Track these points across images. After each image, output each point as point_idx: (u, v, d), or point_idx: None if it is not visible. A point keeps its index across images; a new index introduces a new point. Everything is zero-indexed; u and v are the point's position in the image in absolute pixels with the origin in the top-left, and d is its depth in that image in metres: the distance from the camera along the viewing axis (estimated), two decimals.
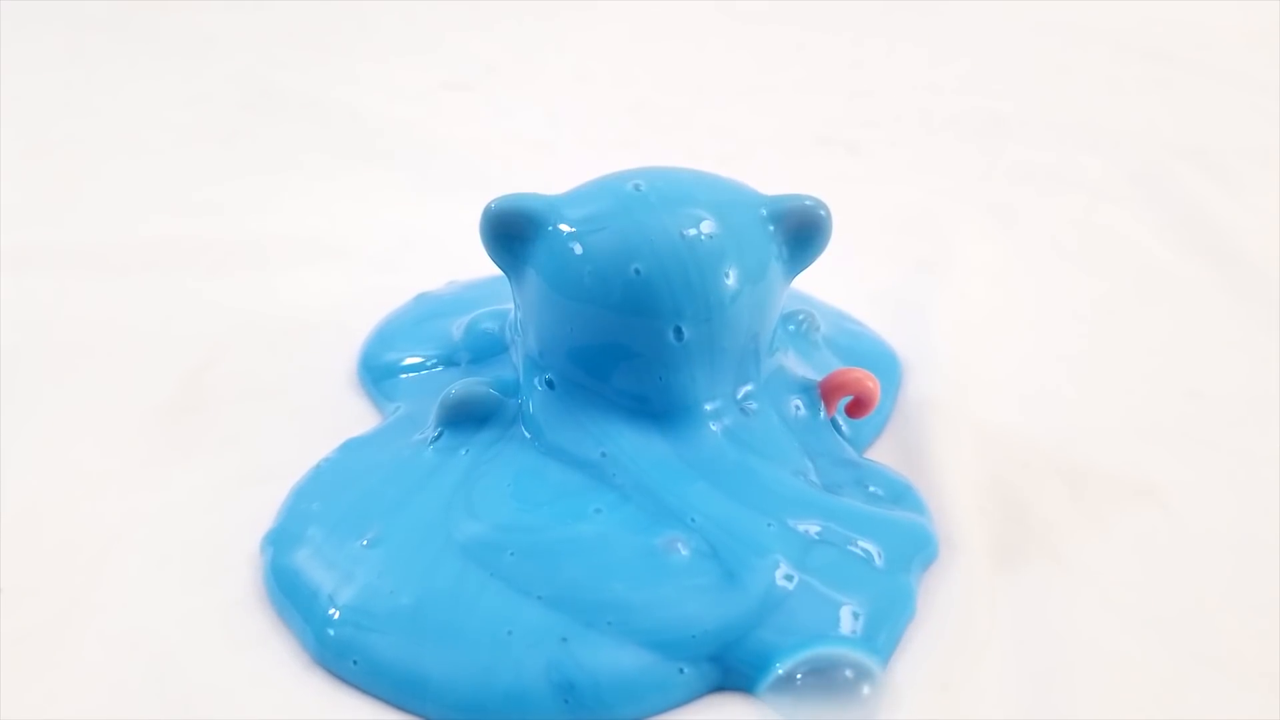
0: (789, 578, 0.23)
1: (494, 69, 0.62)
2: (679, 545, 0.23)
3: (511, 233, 0.26)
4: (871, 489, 0.26)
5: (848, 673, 0.21)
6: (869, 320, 0.35)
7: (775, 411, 0.27)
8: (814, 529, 0.24)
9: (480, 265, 0.30)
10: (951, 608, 0.24)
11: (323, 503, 0.25)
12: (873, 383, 0.27)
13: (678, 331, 0.24)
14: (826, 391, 0.28)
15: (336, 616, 0.22)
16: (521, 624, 0.22)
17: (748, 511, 0.24)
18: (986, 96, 0.60)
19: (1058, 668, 0.23)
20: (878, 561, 0.24)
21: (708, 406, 0.25)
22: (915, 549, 0.25)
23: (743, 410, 0.26)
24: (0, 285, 0.37)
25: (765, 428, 0.26)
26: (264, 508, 0.27)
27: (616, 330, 0.25)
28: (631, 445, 0.25)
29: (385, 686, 0.22)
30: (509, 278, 0.27)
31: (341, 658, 0.22)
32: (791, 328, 0.31)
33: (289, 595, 0.23)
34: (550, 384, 0.26)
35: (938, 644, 0.23)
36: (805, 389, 0.28)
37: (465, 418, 0.27)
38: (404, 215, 0.44)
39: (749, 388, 0.26)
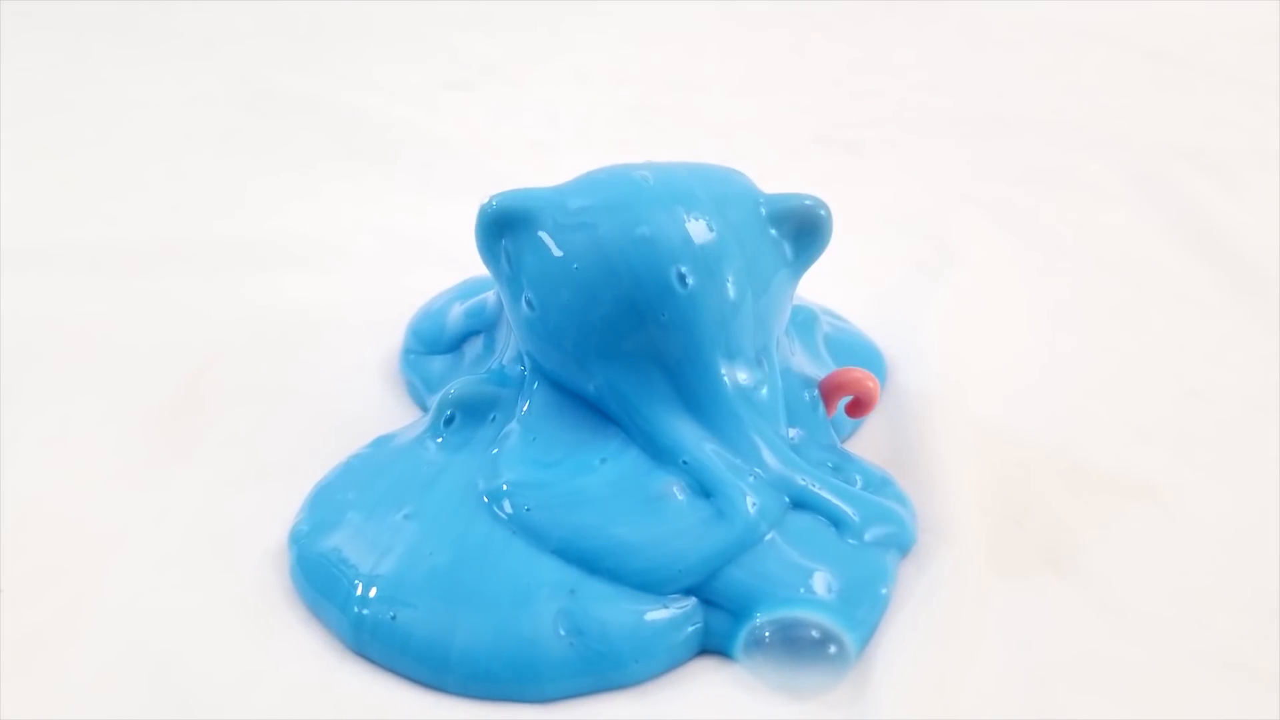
0: (769, 524, 0.24)
1: (494, 69, 0.62)
2: (675, 490, 0.24)
3: (513, 223, 0.26)
4: (853, 476, 0.27)
5: (813, 633, 0.23)
6: (868, 319, 0.35)
7: (781, 393, 0.27)
8: (796, 491, 0.25)
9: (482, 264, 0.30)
10: (949, 606, 0.24)
11: (358, 491, 0.26)
12: (873, 383, 0.28)
13: (681, 278, 0.25)
14: (827, 391, 0.28)
15: (374, 593, 0.23)
16: (538, 578, 0.23)
17: (736, 462, 0.25)
18: (986, 96, 0.60)
19: (1056, 667, 0.23)
20: (851, 535, 0.25)
21: (722, 367, 0.25)
22: (889, 529, 0.25)
23: (755, 368, 0.26)
24: (0, 285, 0.37)
25: (770, 395, 0.26)
26: (265, 507, 0.27)
27: (624, 284, 0.25)
28: (625, 380, 0.25)
29: (411, 657, 0.23)
30: (500, 276, 0.27)
31: (377, 627, 0.23)
32: (800, 318, 0.31)
33: (322, 581, 0.24)
34: (530, 304, 0.26)
35: (934, 642, 0.23)
36: (810, 384, 0.28)
37: (467, 414, 0.27)
38: (404, 215, 0.44)
39: (763, 367, 0.26)
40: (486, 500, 0.25)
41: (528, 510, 0.24)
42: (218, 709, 0.22)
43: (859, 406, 0.28)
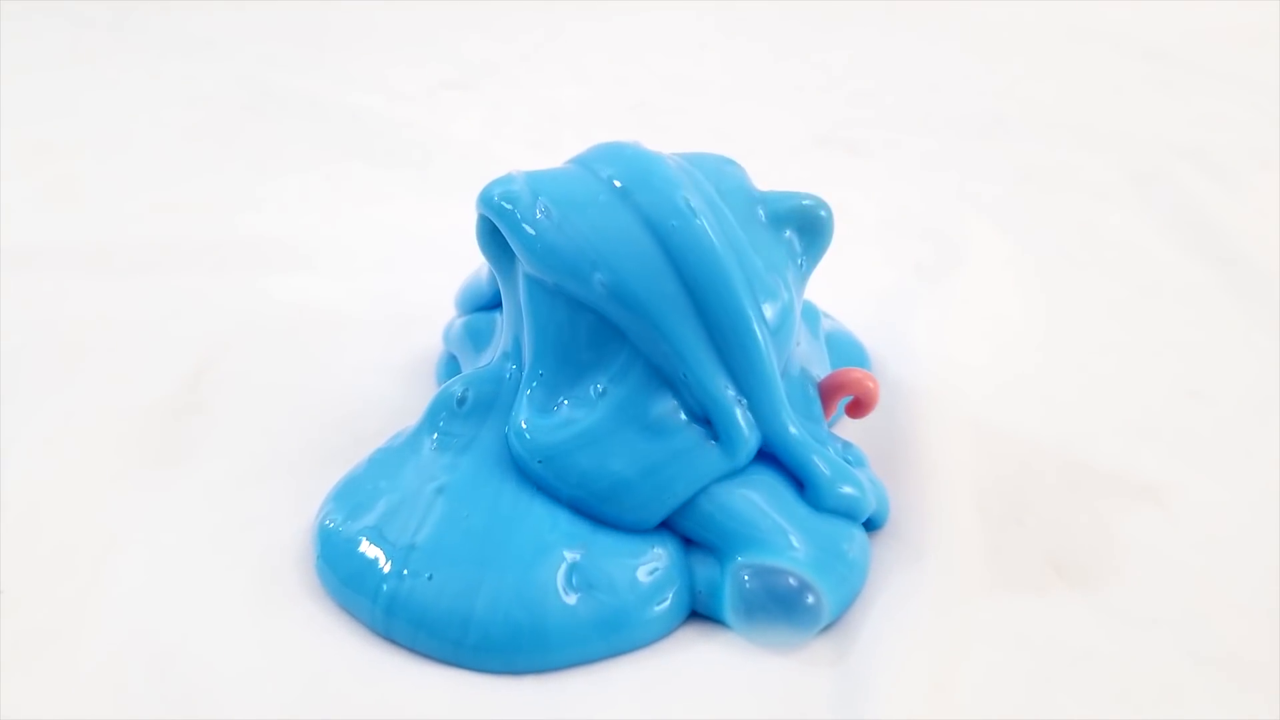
0: (748, 456, 0.25)
1: (494, 69, 0.62)
2: (673, 412, 0.25)
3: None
4: (828, 450, 0.26)
5: (791, 580, 0.23)
6: (868, 319, 0.35)
7: (793, 331, 0.27)
8: (775, 430, 0.25)
9: (479, 263, 0.30)
10: (948, 606, 0.24)
11: (389, 480, 0.26)
12: (873, 383, 0.27)
13: (690, 208, 0.24)
14: (827, 391, 0.28)
15: (411, 559, 0.24)
16: (556, 536, 0.24)
17: (730, 390, 0.25)
18: (986, 96, 0.60)
19: (1055, 668, 0.23)
20: (816, 495, 0.25)
21: (730, 263, 0.25)
22: (852, 496, 0.25)
23: (772, 291, 0.25)
24: (0, 285, 0.37)
25: (782, 322, 0.25)
26: (268, 506, 0.27)
27: (640, 208, 0.25)
28: (634, 276, 0.24)
29: (435, 622, 0.23)
30: (508, 199, 0.26)
31: (412, 593, 0.23)
32: (805, 310, 0.31)
33: (352, 561, 0.24)
34: (547, 212, 0.25)
35: (933, 641, 0.23)
36: (811, 379, 0.28)
37: (470, 411, 0.27)
38: (404, 215, 0.44)
39: (780, 293, 0.26)
40: (511, 438, 0.25)
41: (540, 463, 0.25)
42: (221, 708, 0.22)
43: (859, 407, 0.28)
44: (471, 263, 0.32)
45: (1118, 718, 0.22)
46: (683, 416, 0.25)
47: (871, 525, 0.26)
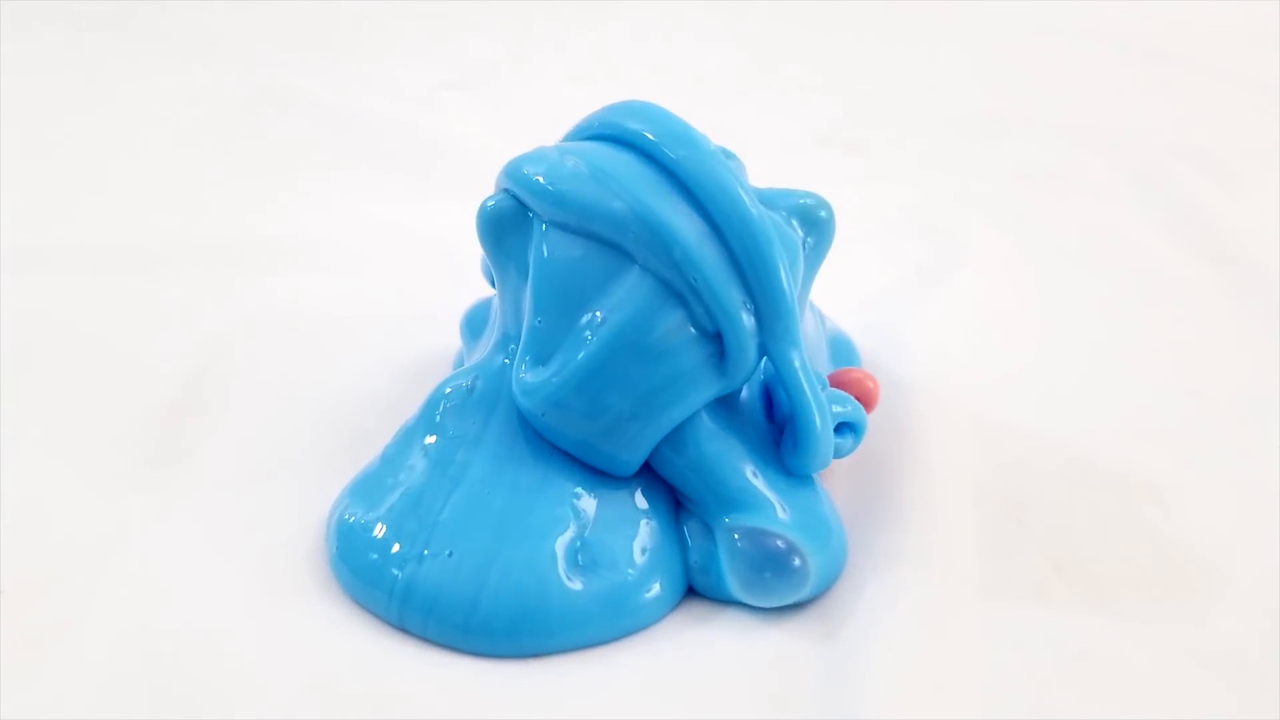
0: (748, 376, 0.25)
1: (494, 69, 0.62)
2: (677, 328, 0.24)
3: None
4: None
5: (779, 543, 0.24)
6: (869, 319, 0.35)
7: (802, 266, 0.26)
8: (777, 348, 0.25)
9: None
10: (946, 606, 0.24)
11: (407, 474, 0.26)
12: (873, 383, 0.28)
13: (706, 142, 0.25)
14: None
15: (431, 538, 0.24)
16: (563, 511, 0.25)
17: (741, 292, 0.24)
18: (986, 96, 0.60)
19: (1055, 668, 0.23)
20: (805, 439, 0.25)
21: (742, 193, 0.24)
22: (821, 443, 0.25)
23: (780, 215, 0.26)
24: (0, 285, 0.37)
25: (793, 253, 0.25)
26: (268, 506, 0.27)
27: (657, 154, 0.25)
28: (651, 193, 0.24)
29: (446, 604, 0.23)
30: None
31: (430, 573, 0.24)
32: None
33: (371, 555, 0.24)
34: (574, 164, 0.26)
35: (931, 642, 0.23)
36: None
37: (479, 400, 0.27)
38: (404, 215, 0.44)
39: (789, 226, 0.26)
40: (517, 397, 0.25)
41: (543, 415, 0.25)
42: (223, 708, 0.22)
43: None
44: (472, 260, 0.32)
45: (1118, 718, 0.22)
46: (690, 330, 0.24)
47: (855, 432, 0.26)
